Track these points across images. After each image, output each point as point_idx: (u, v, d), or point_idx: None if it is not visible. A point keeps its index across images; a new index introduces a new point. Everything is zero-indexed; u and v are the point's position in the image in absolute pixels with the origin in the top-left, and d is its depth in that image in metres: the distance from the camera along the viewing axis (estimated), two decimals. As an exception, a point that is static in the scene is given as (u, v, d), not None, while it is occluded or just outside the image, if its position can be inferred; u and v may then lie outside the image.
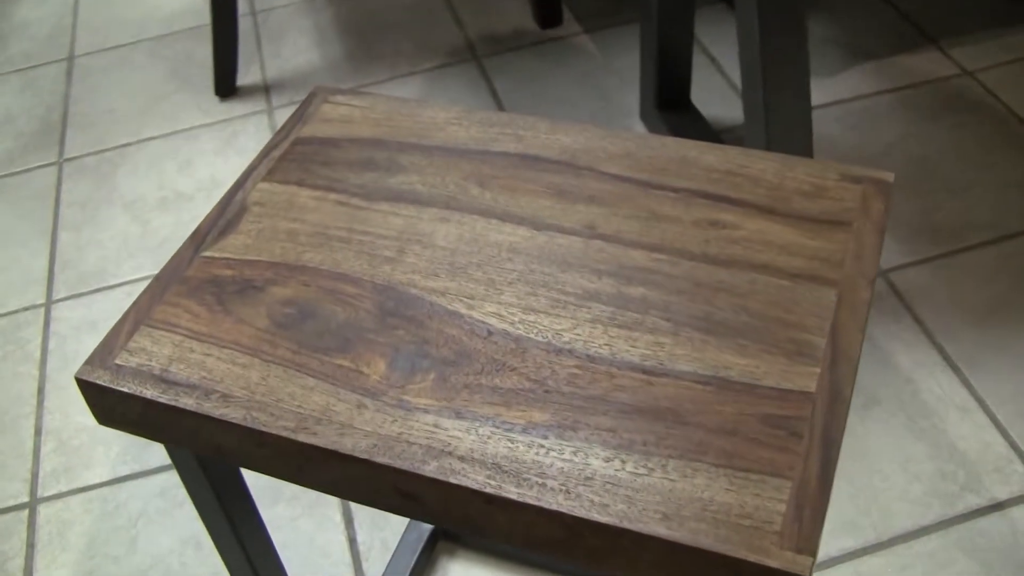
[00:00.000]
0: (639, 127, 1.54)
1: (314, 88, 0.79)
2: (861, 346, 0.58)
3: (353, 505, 1.13)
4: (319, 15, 1.86)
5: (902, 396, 1.17)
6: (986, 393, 1.17)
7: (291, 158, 0.73)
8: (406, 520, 1.09)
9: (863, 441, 1.14)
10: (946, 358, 1.21)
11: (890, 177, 0.68)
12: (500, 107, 1.61)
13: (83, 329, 1.37)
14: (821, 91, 1.59)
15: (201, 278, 0.65)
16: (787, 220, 0.65)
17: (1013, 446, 1.12)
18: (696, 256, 0.63)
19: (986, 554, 1.03)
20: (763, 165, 0.69)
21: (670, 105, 1.49)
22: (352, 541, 1.10)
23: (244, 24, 1.86)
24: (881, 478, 1.10)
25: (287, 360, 0.59)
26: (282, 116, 1.64)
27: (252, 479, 1.16)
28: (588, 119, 1.57)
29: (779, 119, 1.14)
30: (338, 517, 1.13)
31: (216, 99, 1.70)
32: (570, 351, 0.58)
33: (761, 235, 0.64)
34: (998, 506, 1.07)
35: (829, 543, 1.05)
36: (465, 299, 0.61)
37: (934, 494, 1.08)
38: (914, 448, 1.12)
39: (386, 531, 1.11)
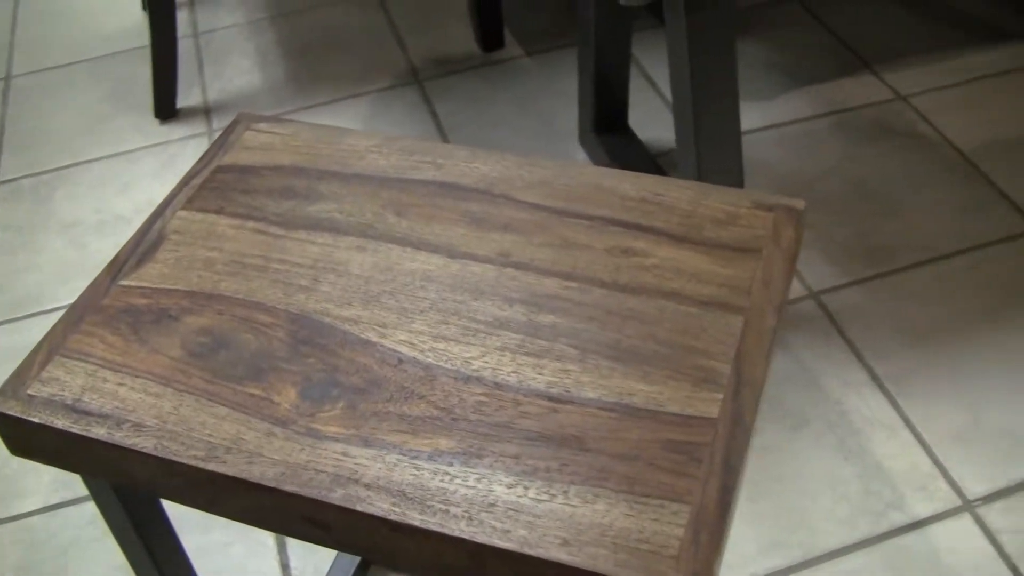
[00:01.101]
0: (578, 150, 1.56)
1: (237, 115, 0.80)
2: (766, 372, 0.59)
3: (287, 529, 1.13)
4: (261, 37, 1.87)
5: (830, 416, 1.19)
6: (913, 413, 1.19)
7: (211, 186, 0.73)
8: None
9: (792, 461, 1.15)
10: (875, 378, 1.23)
11: (800, 204, 0.70)
12: (441, 131, 1.62)
13: (19, 354, 1.36)
14: (760, 114, 1.61)
15: (117, 307, 0.65)
16: (698, 248, 0.66)
17: (937, 464, 1.14)
18: (607, 284, 0.64)
19: (908, 571, 1.04)
20: (678, 193, 0.70)
21: (608, 128, 1.51)
22: (285, 567, 1.10)
23: (185, 46, 1.86)
24: (809, 498, 1.12)
25: (200, 389, 0.59)
26: (222, 139, 1.64)
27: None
28: (528, 142, 1.58)
29: (709, 142, 1.15)
30: (271, 542, 1.13)
31: (156, 121, 1.70)
32: (478, 379, 0.58)
33: (672, 263, 0.65)
34: (920, 524, 1.08)
35: (757, 562, 1.07)
36: (377, 327, 0.62)
37: (860, 513, 1.10)
38: (842, 468, 1.14)
39: (319, 555, 1.11)
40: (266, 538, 1.13)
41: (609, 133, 1.51)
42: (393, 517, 0.52)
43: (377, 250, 0.67)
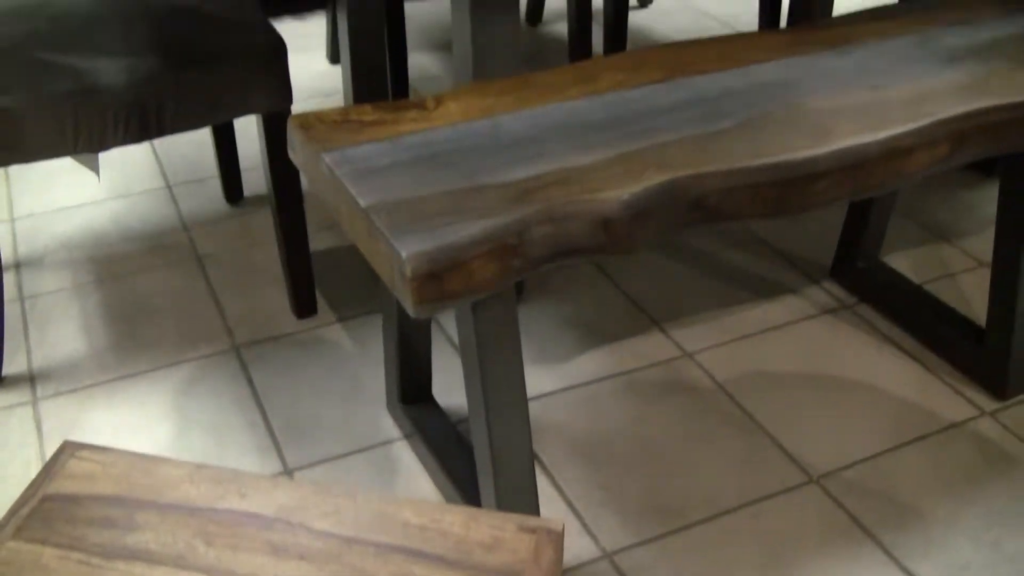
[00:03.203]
0: (386, 417, 1.68)
1: (63, 443, 0.89)
2: None
3: None
4: (86, 300, 1.95)
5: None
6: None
7: (38, 516, 0.82)
8: None
9: None
10: (654, 638, 1.35)
11: (559, 526, 0.82)
12: (257, 398, 1.72)
13: None
14: (556, 376, 1.76)
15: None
16: (470, 572, 0.78)
17: None
18: (386, 610, 0.75)
19: None
20: (451, 518, 0.82)
21: (413, 398, 1.63)
22: None
23: (11, 310, 1.93)
24: None
25: None
26: (48, 408, 1.71)
27: None
28: (338, 410, 1.69)
29: (502, 464, 1.28)
30: None
31: (-22, 389, 1.76)
32: None
33: (442, 587, 0.76)
34: None
35: None
36: (185, 660, 0.71)
37: None
38: None
39: None
40: None
41: (414, 404, 1.63)
42: None
43: (187, 582, 0.77)
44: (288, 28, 3.13)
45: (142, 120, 1.59)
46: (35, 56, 1.60)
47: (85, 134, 1.58)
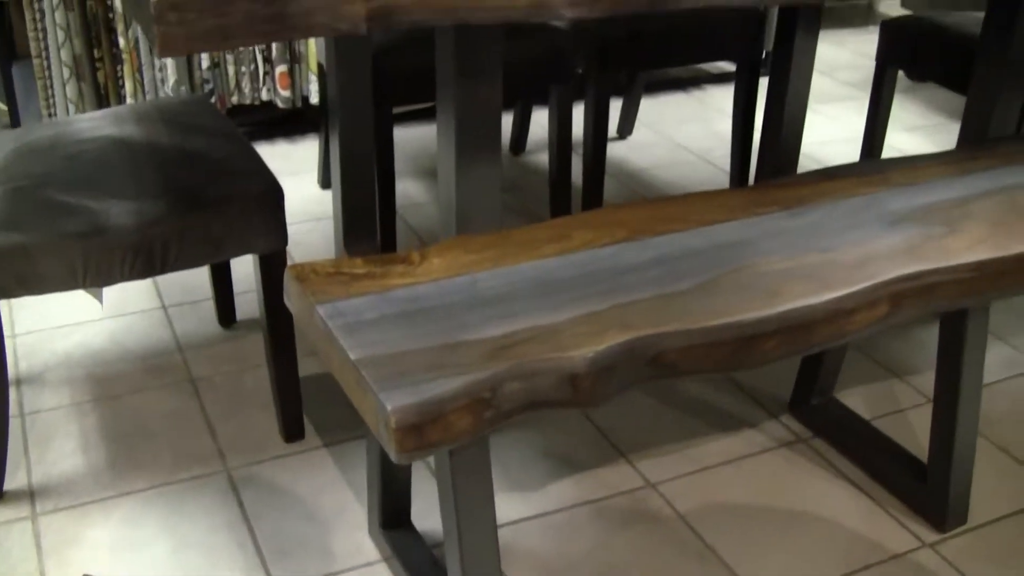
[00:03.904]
0: (368, 541, 1.78)
1: (81, 581, 1.00)
2: None
3: None
4: (85, 419, 2.06)
5: None
6: None
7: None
8: None
9: None
10: None
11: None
12: (247, 520, 1.82)
13: None
14: (526, 504, 1.87)
15: None
16: None
17: None
18: None
19: None
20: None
21: (393, 524, 1.74)
22: None
23: (13, 426, 2.04)
24: None
25: None
26: (47, 523, 1.81)
27: None
28: (324, 534, 1.80)
29: (471, 569, 1.40)
30: None
31: (-20, 506, 1.86)
32: None
33: None
34: None
35: None
36: None
37: None
38: None
39: None
40: None
41: (394, 528, 1.74)
42: None
43: None
44: (281, 151, 3.28)
45: (147, 260, 1.72)
46: (49, 196, 1.73)
47: (93, 271, 1.71)
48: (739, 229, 1.61)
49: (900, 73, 2.85)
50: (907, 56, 2.83)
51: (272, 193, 1.77)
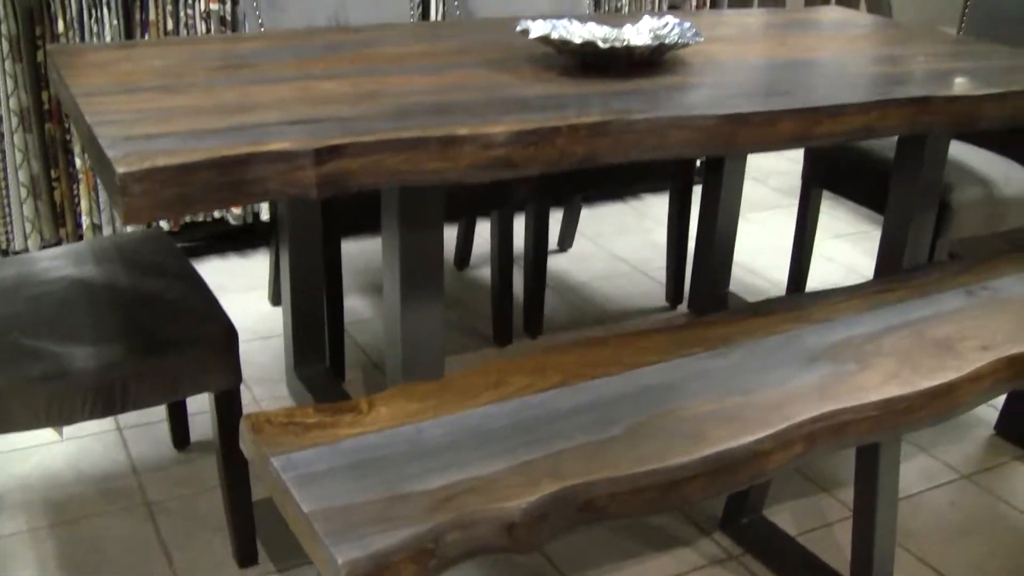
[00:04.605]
0: (317, 667, 1.86)
1: None
2: None
3: None
4: (42, 546, 2.13)
5: None
6: None
7: None
8: None
9: None
10: None
11: None
12: (200, 648, 1.90)
13: None
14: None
15: None
16: None
17: None
18: None
19: None
20: None
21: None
22: None
23: (-29, 554, 2.10)
24: None
25: None
26: (4, 656, 1.87)
27: None
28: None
29: None
30: None
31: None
32: None
33: None
34: None
35: None
36: None
37: None
38: None
39: None
40: None
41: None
42: None
43: None
44: (231, 266, 3.38)
45: (108, 400, 1.81)
46: (14, 340, 1.82)
47: (56, 411, 1.79)
48: (666, 372, 1.72)
49: (825, 192, 3.01)
50: (830, 178, 3.00)
51: (227, 336, 1.87)
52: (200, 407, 2.60)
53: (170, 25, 3.19)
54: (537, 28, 2.09)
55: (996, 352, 1.87)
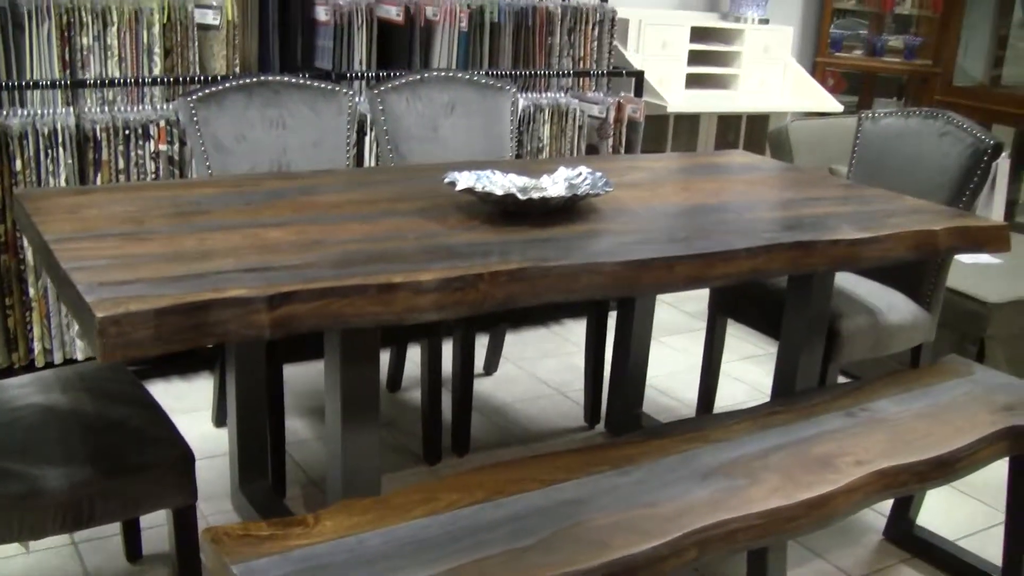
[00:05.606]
0: None
1: None
2: None
3: None
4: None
5: None
6: None
7: None
8: None
9: None
10: None
11: None
12: None
13: None
14: None
15: None
16: None
17: None
18: None
19: None
20: None
21: None
22: None
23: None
24: None
25: None
26: None
27: None
28: None
29: None
30: None
31: None
32: None
33: None
34: None
35: None
36: None
37: None
38: None
39: None
40: None
41: None
42: None
43: None
44: (175, 390, 3.57)
45: (76, 517, 2.00)
46: (-10, 463, 2.02)
47: (27, 528, 1.98)
48: (578, 488, 1.96)
49: (726, 323, 3.29)
50: (733, 307, 3.29)
51: (184, 460, 2.08)
52: (152, 522, 2.78)
53: (121, 164, 3.42)
54: (463, 180, 2.36)
55: (869, 467, 2.13)
